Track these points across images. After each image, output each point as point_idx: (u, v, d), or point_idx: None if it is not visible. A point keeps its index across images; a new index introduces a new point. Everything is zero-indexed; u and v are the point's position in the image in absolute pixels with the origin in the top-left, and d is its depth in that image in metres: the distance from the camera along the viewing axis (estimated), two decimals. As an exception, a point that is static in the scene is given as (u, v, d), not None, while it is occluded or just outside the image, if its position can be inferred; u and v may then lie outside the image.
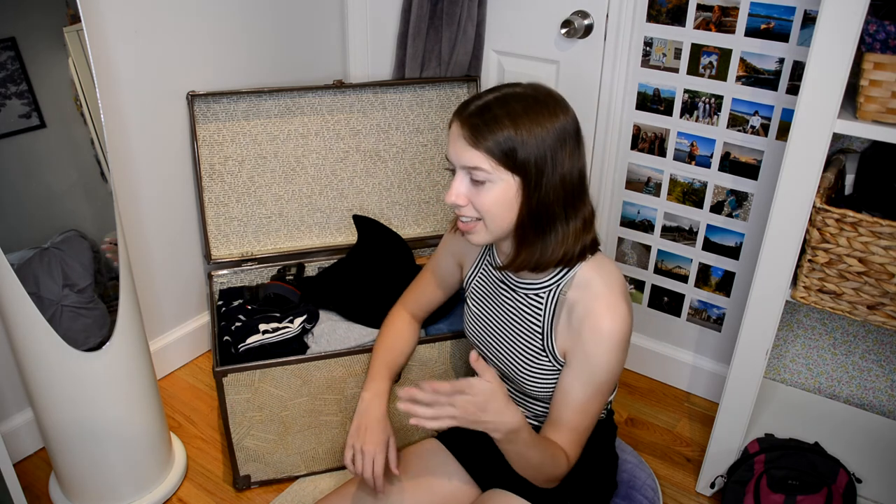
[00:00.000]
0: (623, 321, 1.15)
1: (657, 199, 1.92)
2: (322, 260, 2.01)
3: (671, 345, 2.07)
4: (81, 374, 1.43)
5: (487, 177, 1.08)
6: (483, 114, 1.08)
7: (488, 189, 1.10)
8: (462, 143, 1.09)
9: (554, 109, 1.10)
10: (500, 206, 1.11)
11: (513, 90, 1.11)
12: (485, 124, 1.07)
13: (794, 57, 1.60)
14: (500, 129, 1.06)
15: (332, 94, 1.95)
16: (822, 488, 1.49)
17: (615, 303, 1.15)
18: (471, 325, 1.37)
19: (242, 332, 1.67)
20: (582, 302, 1.17)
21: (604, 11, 1.79)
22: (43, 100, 1.31)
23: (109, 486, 1.58)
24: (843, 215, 1.30)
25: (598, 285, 1.17)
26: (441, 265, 1.44)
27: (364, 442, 1.29)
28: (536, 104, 1.09)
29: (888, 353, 1.73)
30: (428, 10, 1.94)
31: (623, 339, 1.15)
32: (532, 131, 1.07)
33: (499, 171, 1.08)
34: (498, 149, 1.07)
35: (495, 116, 1.07)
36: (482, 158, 1.08)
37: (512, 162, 1.08)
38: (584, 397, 1.18)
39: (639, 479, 1.46)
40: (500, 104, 1.08)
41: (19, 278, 1.30)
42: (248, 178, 1.93)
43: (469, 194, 1.12)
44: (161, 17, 1.75)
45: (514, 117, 1.07)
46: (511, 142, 1.07)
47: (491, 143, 1.07)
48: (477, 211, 1.12)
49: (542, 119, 1.08)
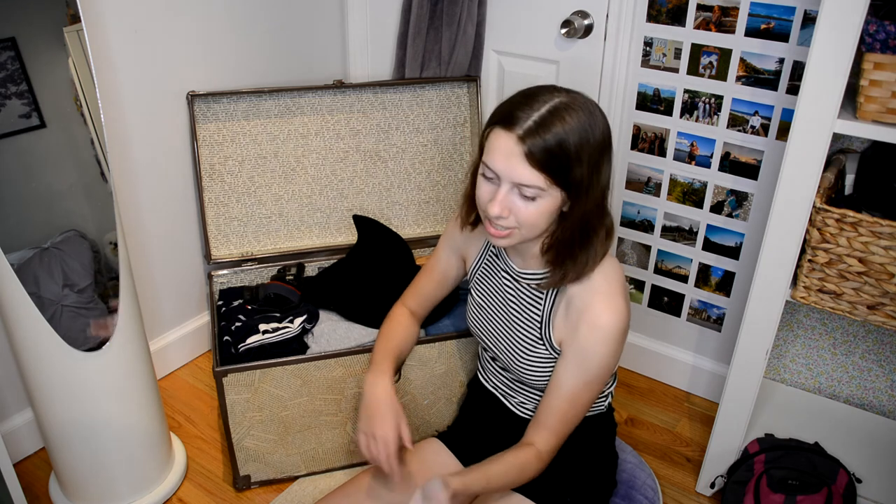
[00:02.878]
0: (620, 316, 1.15)
1: (657, 199, 1.92)
2: (322, 260, 2.01)
3: (671, 345, 2.07)
4: (81, 374, 1.43)
5: (538, 193, 1.07)
6: (542, 132, 1.05)
7: (536, 204, 1.09)
8: (518, 160, 1.06)
9: (598, 121, 1.09)
10: (542, 218, 1.11)
11: (560, 100, 1.08)
12: (544, 142, 1.04)
13: (794, 57, 1.60)
14: (561, 149, 1.05)
15: (332, 94, 1.95)
16: (822, 488, 1.49)
17: (614, 298, 1.16)
18: (473, 315, 1.39)
19: (242, 332, 1.67)
20: (581, 295, 1.18)
21: (604, 11, 1.79)
22: (43, 100, 1.31)
23: (109, 486, 1.58)
24: (843, 215, 1.30)
25: (597, 280, 1.18)
26: (442, 260, 1.44)
27: (375, 427, 1.26)
28: (588, 116, 1.08)
29: (888, 353, 1.73)
30: (428, 10, 1.94)
31: (619, 335, 1.16)
32: (585, 148, 1.06)
33: (552, 188, 1.07)
34: (558, 168, 1.05)
35: (555, 134, 1.04)
36: (540, 178, 1.06)
37: (566, 179, 1.07)
38: (574, 388, 1.19)
39: (639, 478, 1.46)
40: (556, 118, 1.05)
41: (19, 278, 1.30)
42: (248, 178, 1.93)
43: (511, 206, 1.10)
44: (161, 17, 1.75)
45: (571, 134, 1.05)
46: (569, 161, 1.05)
47: (553, 163, 1.05)
48: (517, 221, 1.11)
49: (592, 133, 1.07)
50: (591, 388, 1.20)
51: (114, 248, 1.45)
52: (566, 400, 1.20)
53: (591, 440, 1.34)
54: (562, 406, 1.20)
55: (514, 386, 1.36)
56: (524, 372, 1.27)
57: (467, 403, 1.53)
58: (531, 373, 1.27)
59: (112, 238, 1.45)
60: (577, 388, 1.19)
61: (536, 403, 1.33)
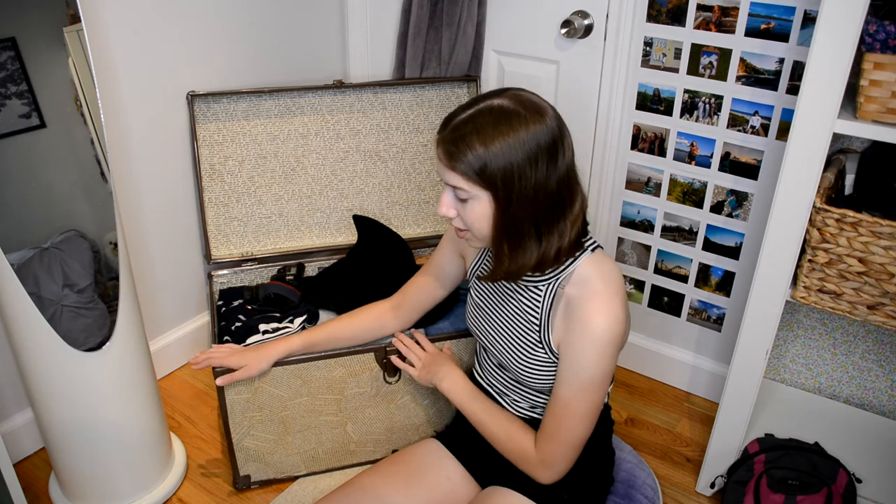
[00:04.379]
0: (616, 321, 1.14)
1: (657, 199, 1.92)
2: (322, 260, 2.01)
3: (671, 345, 2.07)
4: (81, 374, 1.43)
5: (468, 195, 1.11)
6: (454, 135, 1.10)
7: (471, 205, 1.13)
8: (440, 163, 1.13)
9: (525, 121, 1.08)
10: (482, 220, 1.13)
11: (489, 103, 1.11)
12: (455, 146, 1.09)
13: (794, 57, 1.60)
14: (469, 150, 1.08)
15: (332, 94, 1.95)
16: (822, 488, 1.49)
17: (610, 302, 1.15)
18: (472, 315, 1.39)
19: (242, 332, 1.67)
20: (579, 298, 1.17)
21: (604, 11, 1.79)
22: (43, 100, 1.31)
23: (109, 486, 1.58)
24: (843, 215, 1.30)
25: (596, 283, 1.17)
26: (441, 255, 1.45)
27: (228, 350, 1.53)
28: (506, 117, 1.08)
29: (888, 353, 1.73)
30: (428, 10, 1.94)
31: (614, 340, 1.15)
32: (499, 148, 1.07)
33: (475, 188, 1.10)
34: (469, 169, 1.09)
35: (464, 136, 1.09)
36: (458, 178, 1.11)
37: (484, 179, 1.09)
38: (568, 394, 1.18)
39: (638, 478, 1.46)
40: (469, 122, 1.09)
41: (19, 278, 1.30)
42: (248, 178, 1.93)
43: (457, 207, 1.15)
44: (161, 17, 1.75)
45: (482, 135, 1.08)
46: (479, 160, 1.08)
47: (463, 164, 1.09)
48: (464, 224, 1.16)
49: (510, 133, 1.07)
50: (587, 396, 1.18)
51: (114, 248, 1.45)
52: (562, 406, 1.19)
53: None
54: (558, 412, 1.20)
55: (510, 385, 1.35)
56: (523, 373, 1.27)
57: None
58: (530, 375, 1.26)
59: (112, 238, 1.45)
60: (571, 394, 1.18)
61: (531, 403, 1.33)
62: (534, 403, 1.33)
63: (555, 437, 1.21)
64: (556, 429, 1.21)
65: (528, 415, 1.34)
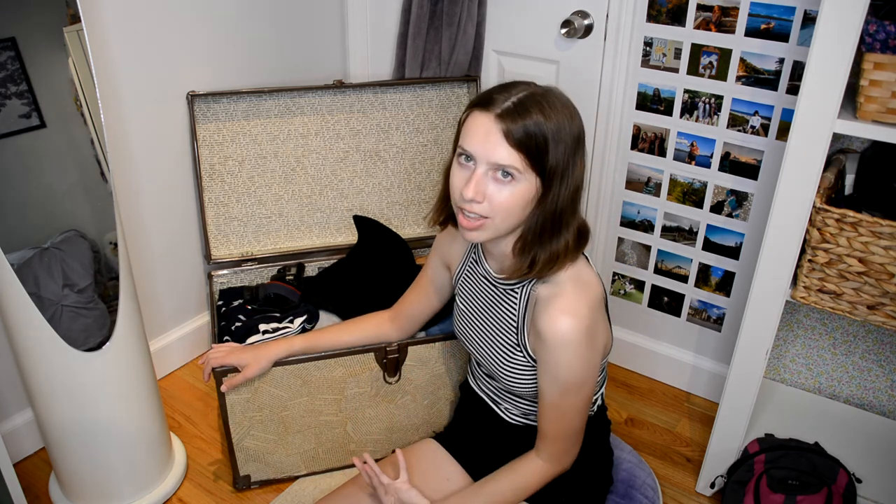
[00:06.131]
0: (578, 320, 1.11)
1: (657, 199, 1.92)
2: (322, 260, 2.01)
3: (671, 345, 2.07)
4: (81, 374, 1.43)
5: (515, 176, 1.05)
6: (521, 111, 1.04)
7: (511, 188, 1.06)
8: (497, 137, 1.04)
9: (573, 113, 1.09)
10: (517, 206, 1.08)
11: (537, 90, 1.08)
12: (523, 121, 1.03)
13: (794, 57, 1.60)
14: (538, 130, 1.03)
15: (332, 94, 1.95)
16: (822, 488, 1.49)
17: (575, 302, 1.13)
18: (458, 323, 1.38)
19: (242, 332, 1.67)
20: (546, 298, 1.15)
21: (604, 11, 1.79)
22: (43, 100, 1.31)
23: (109, 486, 1.58)
24: (843, 215, 1.30)
25: (566, 284, 1.15)
26: (431, 268, 1.44)
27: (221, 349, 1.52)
28: (562, 107, 1.07)
29: (888, 353, 1.73)
30: (428, 10, 1.94)
31: (581, 339, 1.12)
32: (561, 135, 1.05)
33: (528, 171, 1.06)
34: (535, 149, 1.04)
35: (532, 115, 1.03)
36: (517, 157, 1.04)
37: (542, 164, 1.06)
38: (553, 398, 1.17)
39: (638, 478, 1.46)
40: (533, 102, 1.05)
41: (19, 278, 1.30)
42: (248, 178, 1.93)
43: (487, 191, 1.07)
44: (161, 17, 1.75)
45: (548, 118, 1.04)
46: (546, 144, 1.04)
47: (530, 143, 1.04)
48: (490, 209, 1.08)
49: (567, 123, 1.07)
50: (572, 396, 1.16)
51: (114, 248, 1.45)
52: (551, 409, 1.19)
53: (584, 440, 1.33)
54: (549, 414, 1.20)
55: (500, 394, 1.35)
56: (507, 379, 1.26)
57: (460, 407, 1.54)
58: (513, 380, 1.25)
59: (112, 238, 1.45)
60: (557, 398, 1.17)
61: (523, 411, 1.33)
62: (525, 411, 1.33)
63: (553, 437, 1.21)
64: (551, 430, 1.21)
65: (522, 422, 1.34)
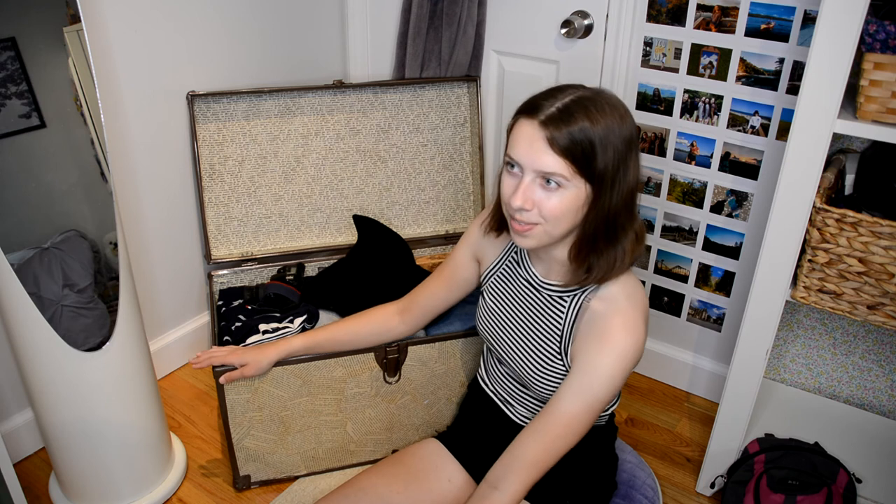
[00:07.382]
0: (636, 340, 1.13)
1: (657, 198, 1.92)
2: (322, 260, 2.01)
3: (671, 345, 2.07)
4: (81, 374, 1.43)
5: (563, 183, 1.05)
6: (565, 117, 1.04)
7: (560, 195, 1.06)
8: (541, 145, 1.04)
9: (623, 115, 1.08)
10: (568, 212, 1.08)
11: (585, 93, 1.07)
12: (567, 127, 1.03)
13: (794, 57, 1.60)
14: (584, 136, 1.03)
15: (332, 94, 1.95)
16: (822, 488, 1.49)
17: (635, 322, 1.14)
18: (485, 320, 1.36)
19: (242, 332, 1.67)
20: (604, 313, 1.15)
21: (604, 11, 1.79)
22: (43, 100, 1.31)
23: (109, 486, 1.58)
24: (843, 215, 1.30)
25: (622, 301, 1.15)
26: (459, 259, 1.40)
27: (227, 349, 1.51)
28: (612, 110, 1.07)
29: (888, 353, 1.73)
30: (428, 10, 1.94)
31: (631, 357, 1.13)
32: (610, 139, 1.05)
33: (575, 178, 1.05)
34: (581, 155, 1.04)
35: (578, 121, 1.03)
36: (563, 165, 1.04)
37: (590, 170, 1.05)
38: (573, 409, 1.14)
39: (639, 478, 1.46)
40: (579, 107, 1.04)
41: (19, 278, 1.30)
42: (248, 178, 1.93)
43: (536, 198, 1.08)
44: (161, 17, 1.75)
45: (595, 123, 1.04)
46: (593, 149, 1.04)
47: (575, 149, 1.03)
48: (541, 216, 1.09)
49: (616, 125, 1.06)
50: (590, 413, 1.14)
51: (114, 248, 1.45)
52: (562, 424, 1.14)
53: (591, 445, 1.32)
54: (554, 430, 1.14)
55: (515, 395, 1.34)
56: (536, 383, 1.25)
57: (466, 405, 1.53)
58: (544, 386, 1.24)
59: (112, 238, 1.45)
60: (577, 410, 1.14)
61: (533, 413, 1.31)
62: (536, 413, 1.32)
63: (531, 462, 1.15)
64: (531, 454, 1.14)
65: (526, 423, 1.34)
